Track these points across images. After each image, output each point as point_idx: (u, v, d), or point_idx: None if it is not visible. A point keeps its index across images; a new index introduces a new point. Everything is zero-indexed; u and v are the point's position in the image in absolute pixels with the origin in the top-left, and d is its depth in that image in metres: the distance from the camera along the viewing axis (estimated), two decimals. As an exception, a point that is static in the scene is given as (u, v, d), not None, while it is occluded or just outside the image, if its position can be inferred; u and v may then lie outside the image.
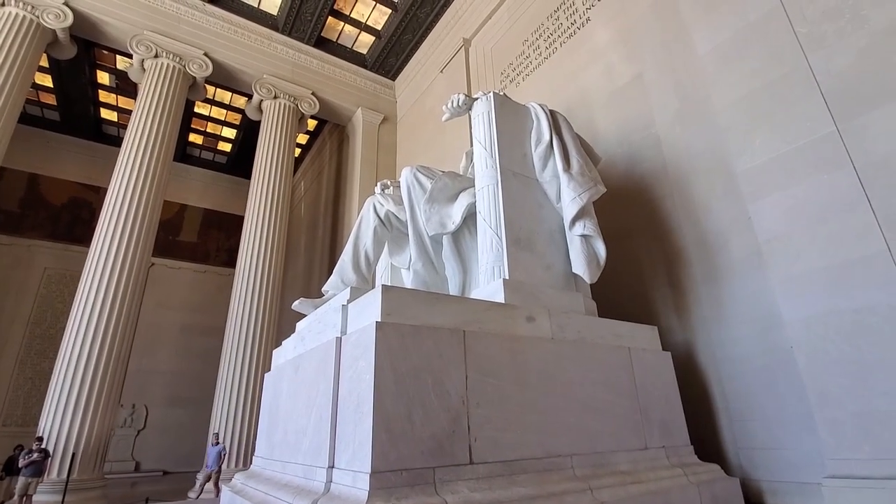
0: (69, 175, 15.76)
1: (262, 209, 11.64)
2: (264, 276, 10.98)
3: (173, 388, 15.20)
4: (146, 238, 10.11)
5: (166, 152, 11.03)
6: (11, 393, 13.18)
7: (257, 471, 3.82)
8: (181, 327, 15.97)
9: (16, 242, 14.35)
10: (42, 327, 13.91)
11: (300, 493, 2.61)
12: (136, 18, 11.43)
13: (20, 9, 10.15)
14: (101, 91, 14.77)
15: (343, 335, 2.81)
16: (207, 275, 17.19)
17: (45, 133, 15.47)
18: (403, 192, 4.10)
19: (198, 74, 12.02)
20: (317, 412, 2.81)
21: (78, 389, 8.50)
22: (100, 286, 9.25)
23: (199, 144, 17.52)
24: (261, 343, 10.40)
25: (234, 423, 9.62)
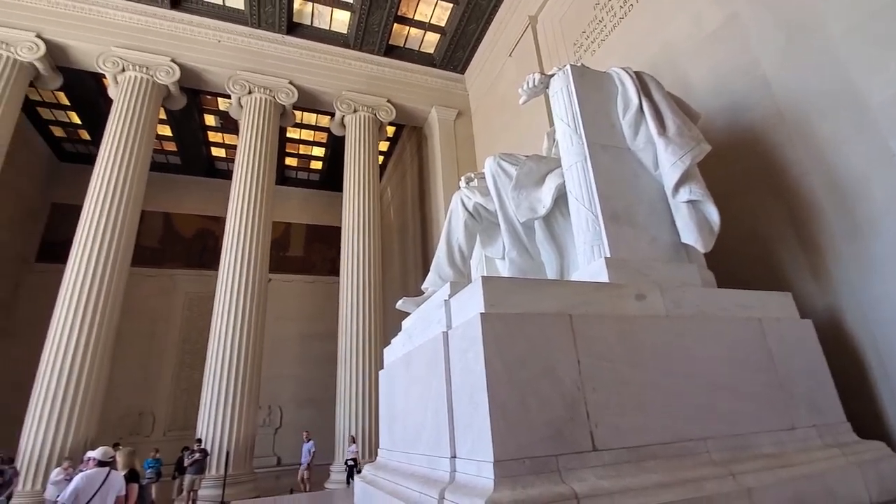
0: (194, 210, 18.02)
1: (355, 218, 12.33)
2: (365, 281, 11.63)
3: (300, 390, 16.76)
4: (262, 257, 11.22)
5: (269, 178, 12.12)
6: (171, 403, 15.46)
7: (383, 462, 4.06)
8: (300, 335, 17.53)
9: (160, 273, 16.76)
10: (189, 344, 16.08)
11: (427, 483, 2.72)
12: (229, 62, 12.68)
13: (137, 71, 11.76)
14: (210, 132, 16.65)
15: (449, 329, 2.87)
16: (316, 285, 18.64)
17: (170, 176, 17.82)
18: (489, 182, 4.08)
19: (286, 102, 13.02)
20: (432, 405, 2.90)
21: (224, 395, 9.68)
22: (230, 304, 10.45)
23: (294, 166, 19.04)
24: (370, 343, 11.04)
25: (357, 418, 10.33)
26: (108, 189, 10.40)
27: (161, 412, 15.34)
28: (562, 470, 2.16)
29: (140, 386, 15.01)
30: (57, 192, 16.58)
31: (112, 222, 10.19)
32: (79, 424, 8.73)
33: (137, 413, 14.78)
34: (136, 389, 14.77)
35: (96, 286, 9.58)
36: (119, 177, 10.58)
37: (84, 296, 9.41)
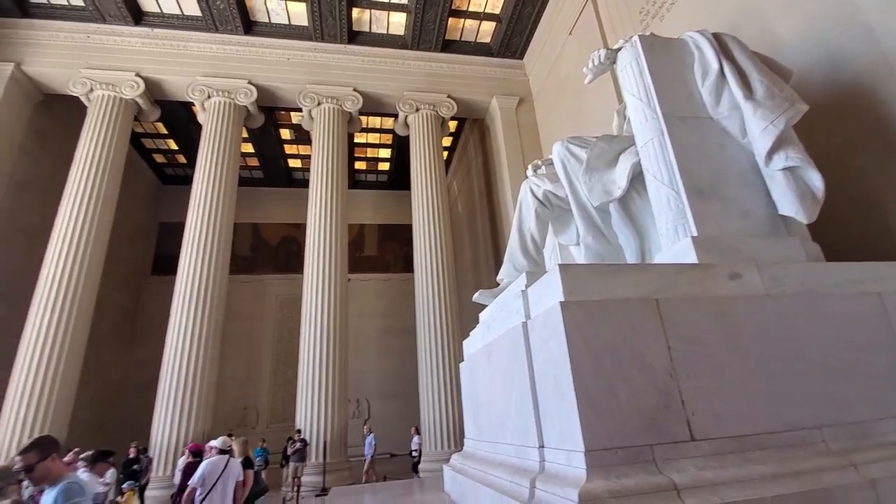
0: (278, 219, 19.38)
1: (424, 215, 12.59)
2: (438, 275, 11.85)
3: (383, 383, 17.51)
4: (341, 258, 11.83)
5: (342, 183, 12.73)
6: (271, 397, 16.83)
7: (471, 451, 4.15)
8: (380, 331, 18.29)
9: (253, 279, 18.25)
10: (283, 343, 17.38)
11: (517, 472, 2.75)
12: (298, 77, 13.44)
13: (221, 97, 12.82)
14: (286, 145, 17.78)
15: (528, 319, 2.86)
16: (391, 282, 19.31)
17: (255, 189, 19.29)
18: (558, 167, 3.98)
19: (352, 109, 13.57)
20: (516, 395, 2.92)
21: (316, 389, 10.37)
22: (315, 304, 11.15)
23: (364, 170, 19.80)
24: (448, 336, 11.25)
25: (439, 409, 10.61)
26: (204, 206, 11.51)
27: (263, 406, 16.79)
28: (658, 460, 2.09)
29: (244, 382, 16.51)
30: (163, 212, 18.64)
31: (210, 235, 11.27)
32: (197, 417, 9.81)
33: (244, 407, 16.28)
34: (241, 386, 16.27)
35: (202, 294, 10.67)
36: (213, 194, 11.66)
37: (192, 303, 10.53)
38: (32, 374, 9.40)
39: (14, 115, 11.92)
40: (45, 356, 9.57)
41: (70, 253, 10.47)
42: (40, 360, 9.52)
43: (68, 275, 10.29)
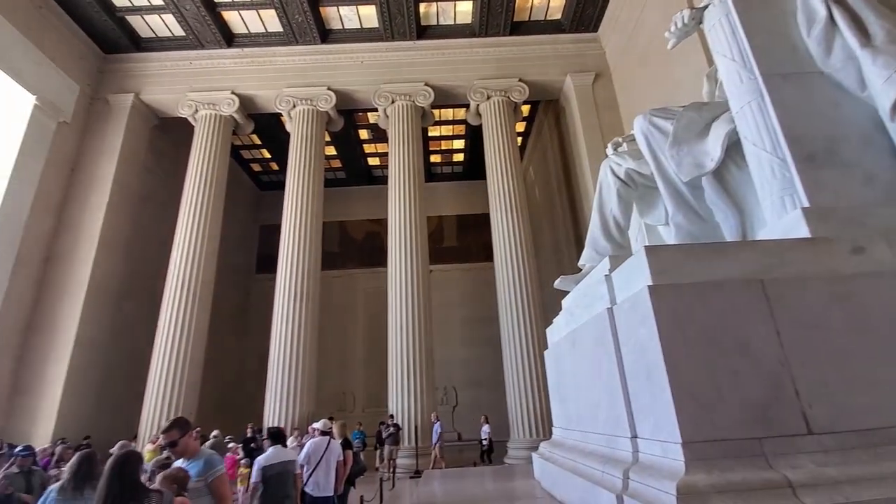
0: (361, 215, 20.35)
1: (501, 203, 12.50)
2: (518, 263, 11.74)
3: (469, 371, 17.80)
4: (422, 250, 12.16)
5: (419, 177, 13.03)
6: (365, 384, 17.83)
7: (559, 440, 4.10)
8: (463, 320, 18.57)
9: (342, 274, 19.38)
10: (373, 333, 18.26)
11: (608, 462, 2.67)
12: (372, 78, 13.92)
13: (304, 105, 13.67)
14: (365, 145, 18.55)
15: (613, 305, 2.75)
16: (472, 272, 19.48)
17: (339, 189, 20.36)
18: (641, 143, 3.74)
19: (424, 104, 13.79)
20: (605, 384, 2.83)
21: (405, 376, 10.81)
22: (400, 296, 11.59)
23: (439, 162, 20.08)
24: (530, 323, 11.14)
25: (525, 398, 10.58)
26: (296, 208, 12.43)
27: (359, 391, 17.88)
28: (768, 455, 1.92)
29: (340, 370, 17.68)
30: (262, 216, 20.43)
31: (303, 235, 12.16)
32: (301, 401, 10.72)
33: (341, 392, 17.46)
34: (337, 373, 17.43)
35: (299, 289, 11.58)
36: (303, 196, 12.55)
37: (291, 298, 11.47)
38: (166, 363, 10.89)
39: (137, 138, 13.71)
40: (176, 346, 11.02)
41: (190, 256, 11.89)
42: (172, 350, 10.98)
43: (190, 275, 11.72)
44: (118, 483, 2.09)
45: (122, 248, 12.77)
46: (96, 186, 12.58)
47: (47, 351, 10.99)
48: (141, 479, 2.23)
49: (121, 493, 2.07)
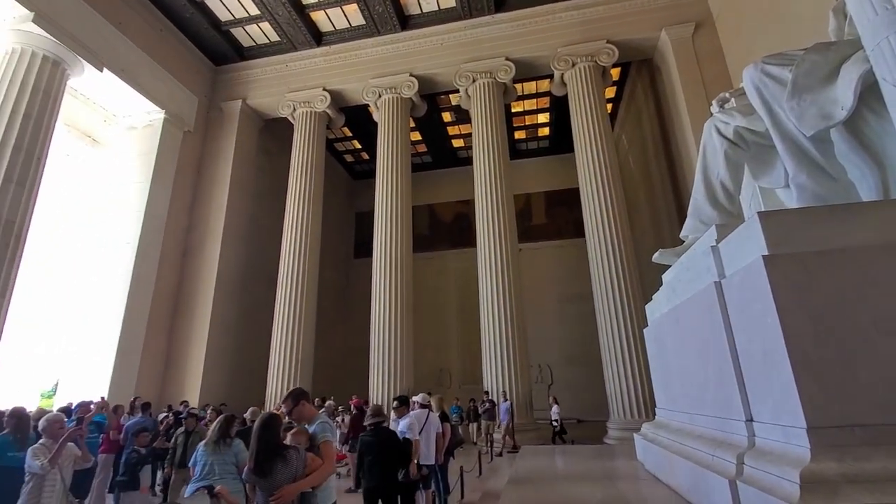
0: (449, 197, 20.67)
1: (591, 175, 11.91)
2: (612, 237, 11.18)
3: (564, 350, 17.49)
4: (510, 229, 12.08)
5: (503, 155, 12.87)
6: (460, 361, 18.35)
7: (663, 421, 3.91)
8: (556, 298, 18.22)
9: (434, 256, 19.93)
10: (465, 312, 18.66)
11: (719, 446, 2.51)
12: (452, 59, 13.89)
13: (389, 94, 14.07)
14: (449, 127, 18.68)
15: (722, 279, 2.53)
16: (563, 248, 18.94)
17: (426, 173, 20.85)
18: (752, 96, 3.32)
19: (506, 79, 13.48)
20: (714, 364, 2.64)
21: (499, 354, 10.94)
22: (490, 275, 11.66)
23: (524, 138, 19.60)
24: (627, 300, 10.63)
25: (623, 377, 10.18)
26: (387, 194, 12.99)
27: (454, 368, 18.47)
28: (917, 444, 1.67)
29: (436, 348, 18.36)
30: (357, 203, 21.69)
31: (394, 219, 12.71)
32: (401, 377, 11.38)
33: (438, 369, 18.17)
34: (434, 350, 18.13)
35: (393, 271, 12.18)
36: (392, 183, 13.06)
37: (387, 280, 12.10)
38: (284, 340, 12.20)
39: (247, 140, 15.19)
40: (291, 326, 12.29)
41: (297, 244, 13.07)
42: (288, 329, 12.28)
43: (298, 261, 12.90)
44: (264, 440, 2.53)
45: (241, 240, 14.36)
46: (217, 186, 14.23)
47: (190, 332, 12.83)
48: (281, 438, 2.69)
49: (266, 448, 2.51)
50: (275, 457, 2.51)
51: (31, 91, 9.92)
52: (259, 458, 2.50)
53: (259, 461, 2.50)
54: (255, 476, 2.51)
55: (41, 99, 10.08)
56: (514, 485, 4.18)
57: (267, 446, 2.53)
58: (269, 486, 2.48)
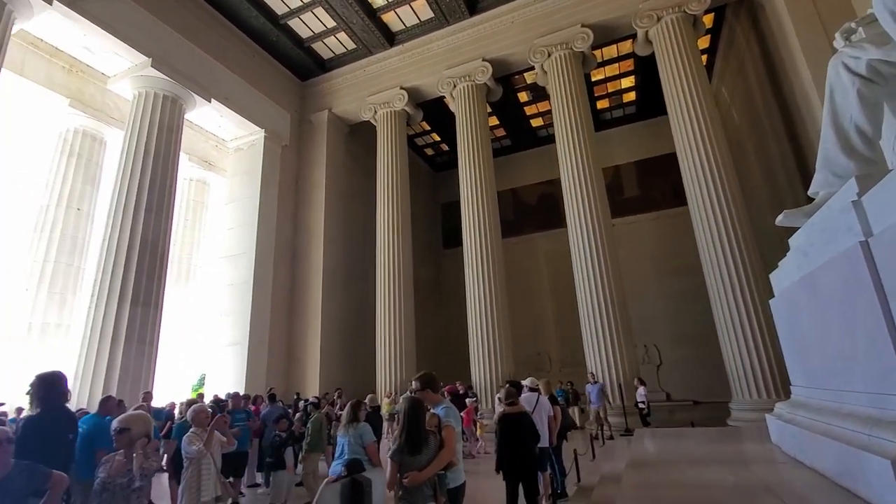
0: (532, 179, 20.28)
1: (688, 138, 10.97)
2: (719, 202, 10.24)
3: (670, 327, 16.43)
4: (600, 205, 11.58)
5: (587, 128, 12.32)
6: (559, 344, 18.04)
7: (801, 400, 3.55)
8: (657, 273, 17.13)
9: (521, 240, 19.72)
10: (559, 293, 18.26)
11: (876, 425, 2.24)
12: (524, 36, 13.52)
13: (464, 82, 14.08)
14: (526, 107, 18.26)
15: (868, 237, 2.23)
16: (661, 220, 17.71)
17: (506, 157, 20.62)
18: (886, 21, 2.83)
19: (583, 48, 12.83)
20: (862, 333, 2.35)
21: (600, 335, 10.60)
22: (582, 254, 11.30)
23: (607, 107, 18.52)
24: (743, 270, 9.72)
25: (744, 353, 9.35)
26: (470, 183, 13.09)
27: (553, 352, 18.21)
28: None
29: (532, 332, 18.22)
30: (440, 195, 22.14)
31: (480, 207, 12.78)
32: (501, 361, 11.51)
33: (536, 353, 18.03)
34: (530, 335, 18.01)
35: (484, 258, 12.29)
36: (475, 171, 13.13)
37: (478, 267, 12.25)
38: (389, 332, 12.96)
39: (336, 146, 16.19)
40: (393, 319, 13.01)
41: (390, 240, 13.73)
42: (390, 322, 13.01)
43: (393, 257, 13.57)
44: (415, 421, 2.78)
45: (340, 240, 15.39)
46: (314, 193, 15.37)
47: (305, 327, 14.10)
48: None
49: (417, 429, 2.76)
50: (424, 438, 2.73)
51: (158, 129, 11.43)
52: (410, 437, 2.72)
53: (410, 441, 2.71)
54: (405, 455, 2.71)
55: (166, 135, 11.59)
56: (634, 468, 4.08)
57: (418, 427, 2.75)
58: (415, 465, 2.68)
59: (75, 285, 11.82)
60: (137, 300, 10.15)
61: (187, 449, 3.87)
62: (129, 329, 9.85)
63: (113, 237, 10.43)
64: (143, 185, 10.90)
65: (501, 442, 4.07)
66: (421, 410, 2.87)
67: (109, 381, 9.36)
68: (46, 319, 11.22)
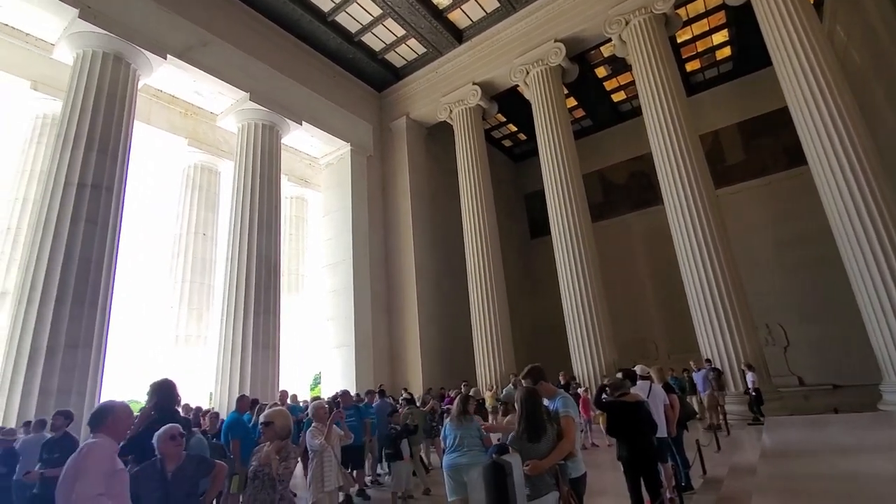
0: (618, 158, 19.25)
1: (801, 85, 9.65)
2: (846, 154, 8.91)
3: (793, 304, 14.68)
4: (701, 174, 10.70)
5: (677, 94, 11.44)
6: (665, 329, 16.91)
7: None
8: (775, 244, 15.38)
9: (613, 223, 18.81)
10: (661, 275, 17.11)
11: None
12: (596, 9, 12.89)
13: (537, 67, 13.75)
14: (606, 82, 17.35)
15: None
16: (771, 185, 15.90)
17: (588, 139, 19.78)
18: None
19: (664, 8, 11.96)
20: None
21: (713, 317, 9.80)
22: (684, 230, 10.52)
23: (698, 69, 16.98)
24: (886, 231, 8.39)
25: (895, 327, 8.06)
26: (553, 169, 12.76)
27: (659, 338, 17.13)
28: None
29: (633, 317, 17.28)
30: (523, 185, 21.84)
31: (565, 193, 12.42)
32: (603, 350, 11.11)
33: (640, 340, 17.08)
34: (631, 320, 17.09)
35: (574, 245, 11.93)
36: (556, 156, 12.78)
37: (570, 255, 11.92)
38: (484, 326, 13.11)
39: (417, 150, 16.67)
40: (487, 313, 13.14)
41: (477, 236, 13.88)
42: (485, 315, 13.14)
43: (482, 252, 13.68)
44: (533, 409, 2.83)
45: (428, 240, 15.83)
46: (400, 197, 15.98)
47: (404, 326, 14.72)
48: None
49: (537, 417, 2.81)
50: (542, 426, 2.77)
51: (261, 155, 12.63)
52: (530, 425, 2.77)
53: (530, 428, 2.77)
54: (525, 442, 2.76)
55: (268, 159, 12.77)
56: (770, 458, 3.74)
57: (536, 415, 2.80)
58: (534, 453, 2.71)
59: (208, 301, 13.52)
60: (259, 310, 11.31)
61: (311, 442, 4.16)
62: (254, 336, 11.03)
63: (233, 255, 11.74)
64: (254, 206, 12.11)
65: (614, 432, 3.94)
66: (537, 398, 2.90)
67: (243, 382, 10.55)
68: (188, 332, 12.96)
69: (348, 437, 4.75)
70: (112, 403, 2.62)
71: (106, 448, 2.43)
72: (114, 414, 2.55)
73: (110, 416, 2.52)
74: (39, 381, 7.49)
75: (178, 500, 2.69)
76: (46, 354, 7.65)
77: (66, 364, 7.78)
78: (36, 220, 8.61)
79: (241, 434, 5.67)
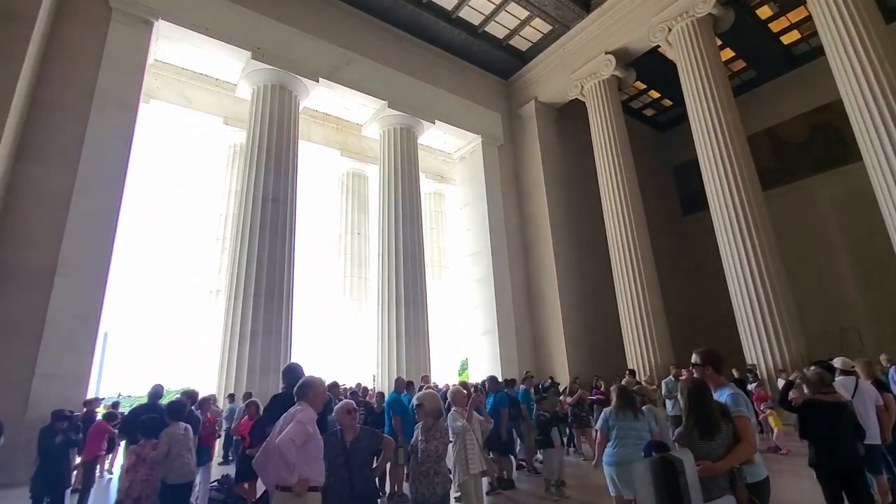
0: (794, 111, 16.12)
1: None
2: None
3: None
4: (921, 119, 8.41)
5: (873, 17, 9.21)
6: (871, 315, 13.73)
7: None
8: None
9: (790, 189, 15.82)
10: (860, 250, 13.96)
11: None
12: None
13: (681, 20, 12.20)
14: (771, 24, 14.65)
15: None
16: None
17: (752, 93, 16.99)
18: None
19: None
20: None
21: None
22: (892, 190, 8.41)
23: (908, -19, 13.27)
24: None
25: None
26: (707, 134, 11.25)
27: (864, 325, 13.94)
28: None
29: (824, 301, 14.38)
30: (671, 156, 19.62)
31: (725, 160, 10.86)
32: (785, 340, 9.49)
33: (838, 328, 14.13)
34: (822, 305, 14.25)
35: (741, 220, 10.36)
36: (712, 118, 11.22)
37: (734, 232, 10.39)
38: (632, 312, 12.21)
39: (548, 133, 16.18)
40: (635, 298, 12.21)
41: (620, 218, 12.99)
42: (632, 299, 12.26)
43: (625, 234, 12.77)
44: (703, 405, 2.55)
45: (566, 224, 15.27)
46: (534, 184, 15.70)
47: (548, 314, 14.49)
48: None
49: (709, 413, 2.52)
50: (716, 422, 2.50)
51: (401, 156, 13.68)
52: (699, 420, 2.53)
53: (702, 425, 2.51)
54: (696, 439, 2.51)
55: (408, 159, 13.76)
56: None
57: (706, 409, 2.54)
58: (706, 452, 2.46)
59: (365, 293, 15.09)
60: (409, 301, 12.28)
61: (453, 425, 4.26)
62: (406, 325, 12.03)
63: (383, 251, 12.94)
64: (398, 204, 13.15)
65: (809, 435, 3.33)
66: (706, 390, 2.60)
67: (400, 366, 11.59)
68: (353, 322, 14.64)
69: (488, 422, 4.86)
70: (312, 379, 3.11)
71: (310, 413, 2.90)
72: (314, 388, 3.02)
73: (311, 391, 2.99)
74: (248, 361, 9.33)
75: (356, 466, 3.08)
76: (251, 339, 9.47)
77: (264, 347, 9.53)
78: (234, 231, 10.67)
79: (400, 411, 6.27)
